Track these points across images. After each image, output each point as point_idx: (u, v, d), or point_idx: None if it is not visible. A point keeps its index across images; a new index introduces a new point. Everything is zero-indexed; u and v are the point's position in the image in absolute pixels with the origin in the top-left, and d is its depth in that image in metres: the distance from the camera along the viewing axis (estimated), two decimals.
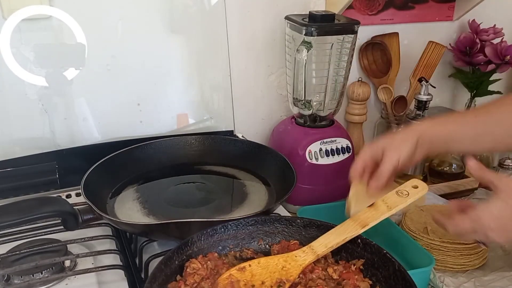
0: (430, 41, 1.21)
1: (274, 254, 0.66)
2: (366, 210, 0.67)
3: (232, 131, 1.10)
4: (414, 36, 1.27)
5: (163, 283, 0.59)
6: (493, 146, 0.76)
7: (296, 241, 0.68)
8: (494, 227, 0.60)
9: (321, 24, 0.96)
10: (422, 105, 1.10)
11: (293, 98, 1.04)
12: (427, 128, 0.73)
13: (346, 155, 1.02)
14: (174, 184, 0.92)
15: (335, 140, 1.01)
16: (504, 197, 0.61)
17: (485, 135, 0.73)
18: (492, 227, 0.61)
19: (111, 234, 0.82)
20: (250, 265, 0.61)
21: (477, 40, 1.25)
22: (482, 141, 0.74)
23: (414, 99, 1.13)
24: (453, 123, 0.75)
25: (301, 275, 0.62)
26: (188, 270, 0.61)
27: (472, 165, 0.66)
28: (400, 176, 1.16)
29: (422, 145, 0.72)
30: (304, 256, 0.63)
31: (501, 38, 1.25)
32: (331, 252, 0.65)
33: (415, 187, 0.69)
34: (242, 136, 1.09)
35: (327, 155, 1.00)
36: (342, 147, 1.01)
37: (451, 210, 0.65)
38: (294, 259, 0.63)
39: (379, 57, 1.24)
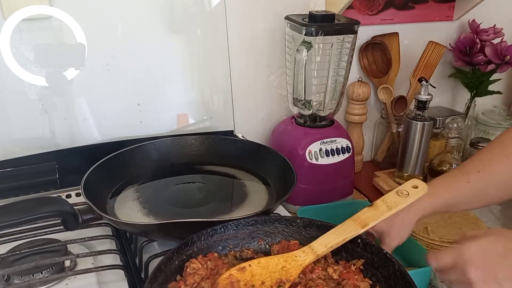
0: (430, 41, 1.21)
1: (274, 254, 0.66)
2: (366, 210, 0.68)
3: (232, 131, 1.10)
4: (414, 36, 1.27)
5: (163, 283, 0.59)
6: (488, 202, 0.76)
7: (296, 241, 0.68)
8: (477, 262, 0.54)
9: (321, 24, 0.96)
10: (422, 105, 1.10)
11: (293, 98, 1.04)
12: (427, 206, 0.72)
13: (346, 155, 1.02)
14: (174, 184, 0.92)
15: (335, 140, 1.01)
16: (490, 236, 0.56)
17: (480, 197, 0.74)
18: (474, 261, 0.54)
19: (111, 234, 0.82)
20: (250, 265, 0.61)
21: (477, 40, 1.25)
22: (477, 202, 0.75)
23: (414, 99, 1.13)
24: (450, 194, 0.73)
25: (301, 275, 0.62)
26: (188, 270, 0.61)
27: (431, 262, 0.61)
28: (400, 176, 1.17)
29: (420, 220, 0.74)
30: (304, 256, 0.63)
31: (501, 38, 1.25)
32: (331, 252, 0.65)
33: (415, 187, 0.69)
34: (242, 136, 1.09)
35: (327, 155, 1.00)
36: (342, 147, 1.01)
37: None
38: (294, 259, 0.63)
39: (379, 57, 1.24)
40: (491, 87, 1.30)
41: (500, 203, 0.76)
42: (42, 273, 0.71)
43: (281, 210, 0.90)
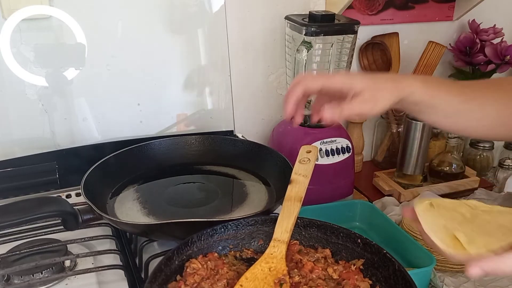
0: (430, 41, 1.21)
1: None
2: (291, 188, 0.71)
3: (232, 131, 1.10)
4: (414, 36, 1.27)
5: (163, 283, 0.59)
6: (475, 130, 0.68)
7: (296, 241, 0.68)
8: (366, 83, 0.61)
9: (321, 24, 0.96)
10: None
11: None
12: (415, 90, 0.63)
13: (346, 155, 1.02)
14: (174, 184, 0.92)
15: (335, 140, 1.01)
16: None
17: (466, 115, 0.66)
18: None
19: (111, 234, 0.82)
20: (241, 285, 0.60)
21: (477, 40, 1.25)
22: (463, 121, 0.67)
23: None
24: (446, 91, 0.65)
25: (301, 276, 0.62)
26: (188, 270, 0.61)
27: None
28: (401, 176, 1.17)
29: (401, 103, 0.64)
30: (277, 249, 0.64)
31: (501, 38, 1.25)
32: (331, 252, 0.65)
33: (308, 151, 0.76)
34: (242, 136, 1.09)
35: (327, 155, 1.00)
36: (342, 147, 1.01)
37: None
38: (272, 257, 0.63)
39: (379, 57, 1.24)
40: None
41: (486, 137, 0.71)
42: (42, 273, 0.71)
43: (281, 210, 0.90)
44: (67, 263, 0.76)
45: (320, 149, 0.99)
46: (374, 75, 0.65)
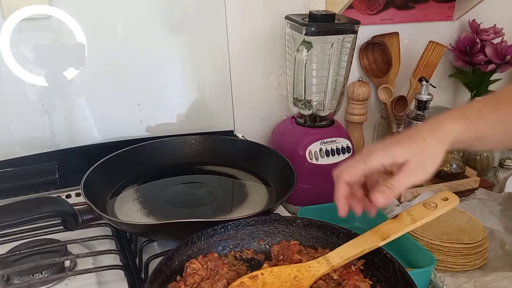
0: (430, 41, 1.21)
1: (274, 255, 0.66)
2: (389, 222, 0.63)
3: (232, 131, 1.10)
4: (414, 36, 1.27)
5: (163, 283, 0.59)
6: None
7: (296, 241, 0.68)
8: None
9: (321, 23, 0.96)
10: (422, 105, 1.10)
11: (293, 98, 1.04)
12: (461, 132, 0.60)
13: (347, 155, 1.01)
14: (174, 184, 0.92)
15: (335, 140, 1.01)
16: None
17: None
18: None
19: (111, 234, 0.82)
20: (262, 274, 0.60)
21: (478, 40, 1.25)
22: (508, 141, 0.65)
23: (414, 99, 1.13)
24: (484, 123, 0.62)
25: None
26: (188, 270, 0.61)
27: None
28: None
29: (450, 149, 0.61)
30: (318, 267, 0.61)
31: (501, 38, 1.25)
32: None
33: (445, 199, 0.65)
34: (242, 136, 1.09)
35: (327, 155, 1.00)
36: (342, 147, 1.01)
37: None
38: (307, 269, 0.61)
39: (379, 57, 1.24)
40: (491, 87, 1.30)
41: None
42: (42, 273, 0.71)
43: (281, 210, 0.90)
44: (67, 263, 0.76)
45: (320, 149, 0.99)
46: (409, 136, 0.59)
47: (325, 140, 1.00)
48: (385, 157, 0.58)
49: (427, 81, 1.10)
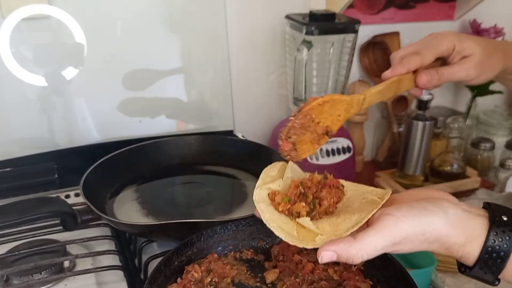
0: None
1: (274, 255, 0.66)
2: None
3: (232, 131, 1.10)
4: (415, 36, 1.26)
5: (162, 284, 0.58)
6: None
7: None
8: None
9: (321, 23, 0.95)
10: (423, 105, 1.10)
11: (294, 97, 1.04)
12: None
13: (347, 155, 1.01)
14: (174, 184, 0.92)
15: (335, 140, 1.01)
16: (382, 230, 0.46)
17: None
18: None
19: (110, 234, 0.81)
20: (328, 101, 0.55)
21: None
22: None
23: (415, 99, 1.13)
24: None
25: (303, 276, 0.61)
26: (188, 276, 0.60)
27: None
28: (402, 176, 1.16)
29: (500, 74, 0.63)
30: (356, 106, 0.59)
31: (502, 37, 1.25)
32: None
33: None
34: (242, 136, 1.09)
35: (328, 155, 1.00)
36: (342, 147, 1.01)
37: None
38: (357, 102, 0.59)
39: (379, 56, 1.24)
40: (492, 87, 1.30)
41: None
42: (41, 274, 0.71)
43: None
44: (66, 263, 0.75)
45: (321, 149, 0.99)
46: (483, 40, 0.60)
47: None
48: (457, 41, 0.59)
49: None
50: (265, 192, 0.56)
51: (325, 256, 0.45)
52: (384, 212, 0.47)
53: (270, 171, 0.60)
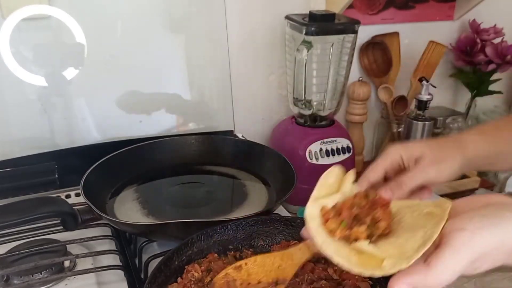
0: (431, 41, 1.21)
1: None
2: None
3: (232, 131, 1.10)
4: (415, 36, 1.27)
5: (162, 284, 0.59)
6: None
7: (296, 241, 0.67)
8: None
9: (321, 23, 0.95)
10: (422, 105, 1.10)
11: (293, 98, 1.04)
12: (477, 149, 0.60)
13: (347, 155, 1.01)
14: (174, 184, 0.92)
15: (335, 140, 1.01)
16: (456, 252, 0.42)
17: None
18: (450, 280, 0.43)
19: (110, 234, 0.81)
20: (246, 264, 0.60)
21: (478, 40, 1.25)
22: None
23: (414, 99, 1.13)
24: (502, 140, 0.63)
25: (303, 275, 0.62)
26: (188, 275, 0.60)
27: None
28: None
29: (464, 167, 0.60)
30: (300, 254, 0.61)
31: (501, 38, 1.25)
32: None
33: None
34: (242, 136, 1.09)
35: (327, 155, 1.00)
36: (342, 147, 1.01)
37: None
38: (290, 257, 0.62)
39: (379, 56, 1.24)
40: (491, 87, 1.30)
41: None
42: (41, 274, 0.71)
43: (281, 210, 0.90)
44: (67, 263, 0.75)
45: (320, 149, 0.99)
46: (430, 140, 0.60)
47: (325, 140, 1.00)
48: (402, 148, 0.59)
49: (427, 81, 1.09)
50: (317, 209, 0.53)
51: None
52: (454, 227, 0.42)
53: (328, 177, 0.60)
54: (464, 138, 0.61)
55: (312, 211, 0.53)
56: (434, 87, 1.13)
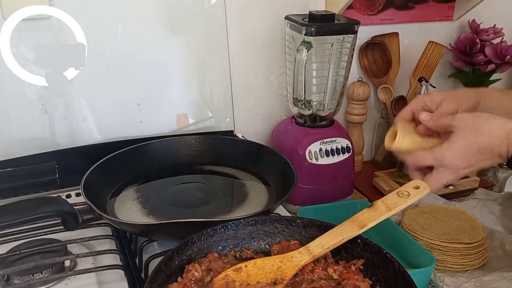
0: (430, 41, 1.21)
1: (274, 254, 0.66)
2: (365, 211, 0.67)
3: (232, 131, 1.10)
4: (414, 36, 1.27)
5: (163, 283, 0.59)
6: None
7: (296, 241, 0.68)
8: (461, 164, 0.63)
9: (321, 24, 0.96)
10: None
11: (293, 98, 1.04)
12: (491, 93, 0.71)
13: (346, 155, 1.02)
14: (174, 184, 0.92)
15: (335, 140, 1.01)
16: (463, 135, 0.62)
17: None
18: (459, 165, 0.63)
19: (111, 234, 0.82)
20: (246, 266, 0.61)
21: (477, 40, 1.25)
22: None
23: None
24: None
25: (303, 275, 0.62)
26: (189, 275, 0.60)
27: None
28: (401, 176, 1.17)
29: (483, 109, 0.69)
30: (300, 257, 0.63)
31: (501, 38, 1.25)
32: (331, 252, 0.65)
33: (417, 187, 0.68)
34: (242, 136, 1.09)
35: (327, 155, 1.00)
36: (342, 147, 1.01)
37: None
38: (290, 259, 0.62)
39: (379, 57, 1.24)
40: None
41: None
42: (42, 273, 0.71)
43: (281, 210, 0.90)
44: (67, 263, 0.76)
45: (320, 149, 0.99)
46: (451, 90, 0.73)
47: (325, 140, 1.00)
48: (426, 96, 0.72)
49: (427, 81, 1.10)
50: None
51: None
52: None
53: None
54: (478, 89, 0.73)
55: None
56: (434, 87, 1.13)
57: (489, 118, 0.62)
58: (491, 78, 1.29)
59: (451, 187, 0.68)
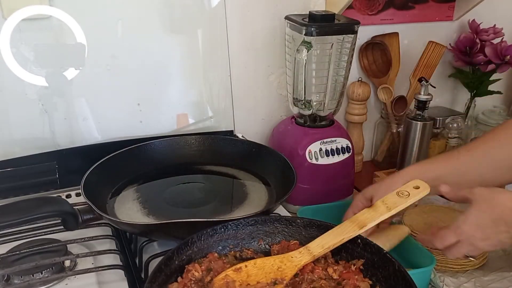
0: (430, 41, 1.21)
1: (274, 254, 0.66)
2: (365, 211, 0.67)
3: (232, 131, 1.10)
4: (414, 36, 1.27)
5: (163, 283, 0.59)
6: (480, 181, 0.76)
7: (296, 241, 0.68)
8: (478, 236, 0.65)
9: (321, 24, 0.96)
10: (422, 105, 1.10)
11: (293, 98, 1.04)
12: (414, 173, 0.75)
13: (346, 155, 1.02)
14: (174, 184, 0.92)
15: (335, 140, 1.01)
16: (479, 207, 0.65)
17: (470, 174, 0.77)
18: (476, 236, 0.65)
19: (111, 234, 0.82)
20: (246, 266, 0.61)
21: (477, 40, 1.25)
22: (467, 178, 0.77)
23: (414, 99, 1.13)
24: (438, 166, 0.78)
25: (303, 275, 0.62)
26: (189, 275, 0.60)
27: (444, 189, 0.70)
28: None
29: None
30: (300, 257, 0.63)
31: (501, 38, 1.25)
32: (331, 252, 0.65)
33: (417, 187, 0.69)
34: (242, 136, 1.09)
35: (327, 155, 1.00)
36: (342, 147, 1.01)
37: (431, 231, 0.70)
38: (290, 259, 0.63)
39: (379, 57, 1.24)
40: (491, 87, 1.30)
41: (494, 183, 0.76)
42: (42, 273, 0.71)
43: (281, 210, 0.90)
44: (67, 263, 0.76)
45: (320, 149, 0.99)
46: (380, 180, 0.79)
47: (325, 140, 1.00)
48: (359, 196, 0.78)
49: (427, 81, 1.10)
50: None
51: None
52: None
53: None
54: (403, 172, 0.77)
55: None
56: (434, 87, 1.13)
57: (504, 192, 0.66)
58: (491, 78, 1.29)
59: (471, 258, 0.69)
